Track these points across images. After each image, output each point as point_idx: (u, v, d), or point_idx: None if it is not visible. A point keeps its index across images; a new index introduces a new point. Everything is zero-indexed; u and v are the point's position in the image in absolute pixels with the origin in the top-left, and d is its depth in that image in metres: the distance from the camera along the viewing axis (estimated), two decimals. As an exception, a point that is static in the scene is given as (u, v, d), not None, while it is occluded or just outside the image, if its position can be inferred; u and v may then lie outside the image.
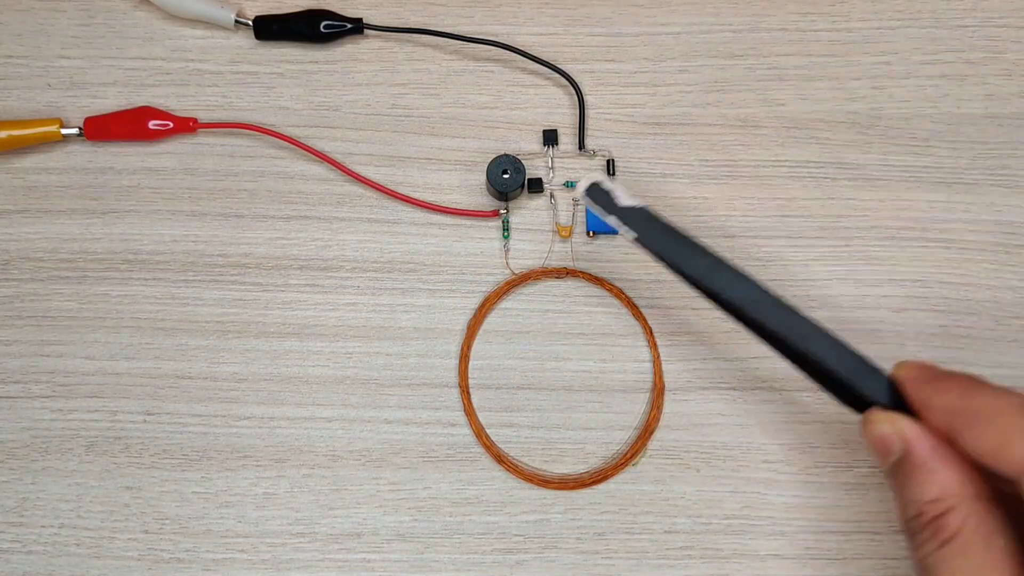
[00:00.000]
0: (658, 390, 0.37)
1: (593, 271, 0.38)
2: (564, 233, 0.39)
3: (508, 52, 0.39)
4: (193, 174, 0.39)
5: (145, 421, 0.37)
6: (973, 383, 0.28)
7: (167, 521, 0.37)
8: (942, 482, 0.28)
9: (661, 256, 0.33)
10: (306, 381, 0.38)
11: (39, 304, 0.38)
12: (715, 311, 0.38)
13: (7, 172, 0.39)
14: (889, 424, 0.29)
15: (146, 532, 0.37)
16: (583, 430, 0.37)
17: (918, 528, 0.28)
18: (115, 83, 0.40)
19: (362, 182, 0.39)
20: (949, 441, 0.28)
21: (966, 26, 0.40)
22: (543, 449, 0.37)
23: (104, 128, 0.39)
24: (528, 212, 0.39)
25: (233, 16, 0.39)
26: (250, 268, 0.38)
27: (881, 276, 0.38)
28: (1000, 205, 0.39)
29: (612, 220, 0.33)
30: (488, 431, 0.37)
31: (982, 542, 0.27)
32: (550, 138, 0.39)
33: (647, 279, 0.38)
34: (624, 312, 0.38)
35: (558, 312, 0.38)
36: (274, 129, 0.39)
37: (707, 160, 0.39)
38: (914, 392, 0.29)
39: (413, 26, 0.40)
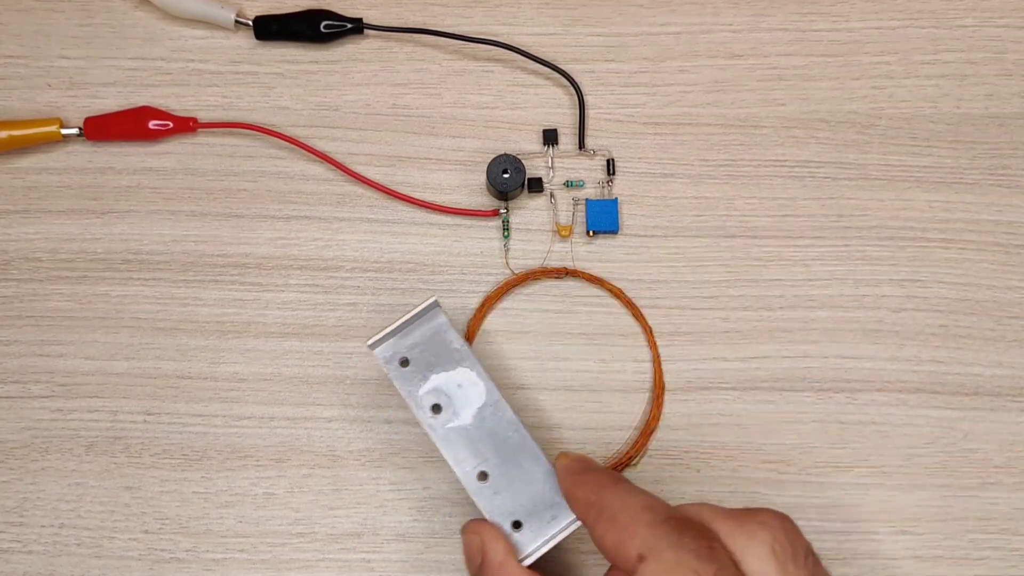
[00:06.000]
0: (658, 390, 0.37)
1: (593, 271, 0.38)
2: (564, 233, 0.39)
3: (508, 52, 0.39)
4: (193, 174, 0.39)
5: (145, 421, 0.37)
6: (610, 481, 0.30)
7: (167, 521, 0.37)
8: None
9: None
10: (306, 381, 0.38)
11: (39, 304, 0.38)
12: (715, 311, 0.38)
13: (7, 172, 0.39)
14: (475, 535, 0.31)
15: (146, 532, 0.37)
16: (583, 430, 0.37)
17: None
18: (115, 83, 0.40)
19: (362, 182, 0.39)
20: (589, 530, 0.29)
21: (966, 26, 0.40)
22: (543, 449, 0.37)
23: (104, 128, 0.39)
24: (528, 212, 0.39)
25: (233, 16, 0.39)
26: (250, 268, 0.38)
27: (881, 276, 0.38)
28: (1000, 205, 0.39)
29: None
30: (488, 431, 0.37)
31: None
32: (550, 138, 0.39)
33: (647, 279, 0.38)
34: (624, 312, 0.38)
35: (558, 312, 0.38)
36: (274, 129, 0.39)
37: (707, 160, 0.39)
38: (562, 481, 0.31)
39: (413, 26, 0.40)
